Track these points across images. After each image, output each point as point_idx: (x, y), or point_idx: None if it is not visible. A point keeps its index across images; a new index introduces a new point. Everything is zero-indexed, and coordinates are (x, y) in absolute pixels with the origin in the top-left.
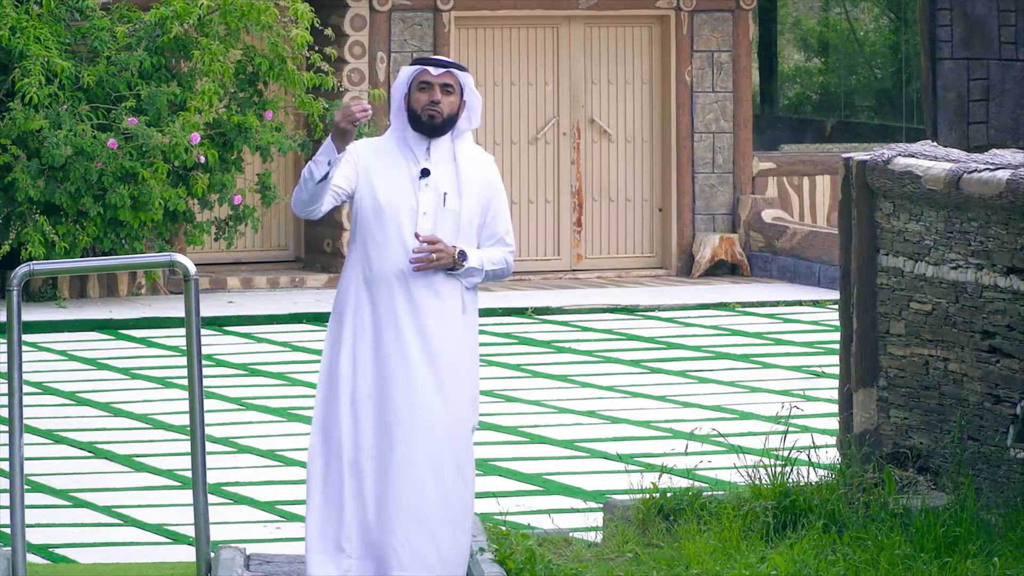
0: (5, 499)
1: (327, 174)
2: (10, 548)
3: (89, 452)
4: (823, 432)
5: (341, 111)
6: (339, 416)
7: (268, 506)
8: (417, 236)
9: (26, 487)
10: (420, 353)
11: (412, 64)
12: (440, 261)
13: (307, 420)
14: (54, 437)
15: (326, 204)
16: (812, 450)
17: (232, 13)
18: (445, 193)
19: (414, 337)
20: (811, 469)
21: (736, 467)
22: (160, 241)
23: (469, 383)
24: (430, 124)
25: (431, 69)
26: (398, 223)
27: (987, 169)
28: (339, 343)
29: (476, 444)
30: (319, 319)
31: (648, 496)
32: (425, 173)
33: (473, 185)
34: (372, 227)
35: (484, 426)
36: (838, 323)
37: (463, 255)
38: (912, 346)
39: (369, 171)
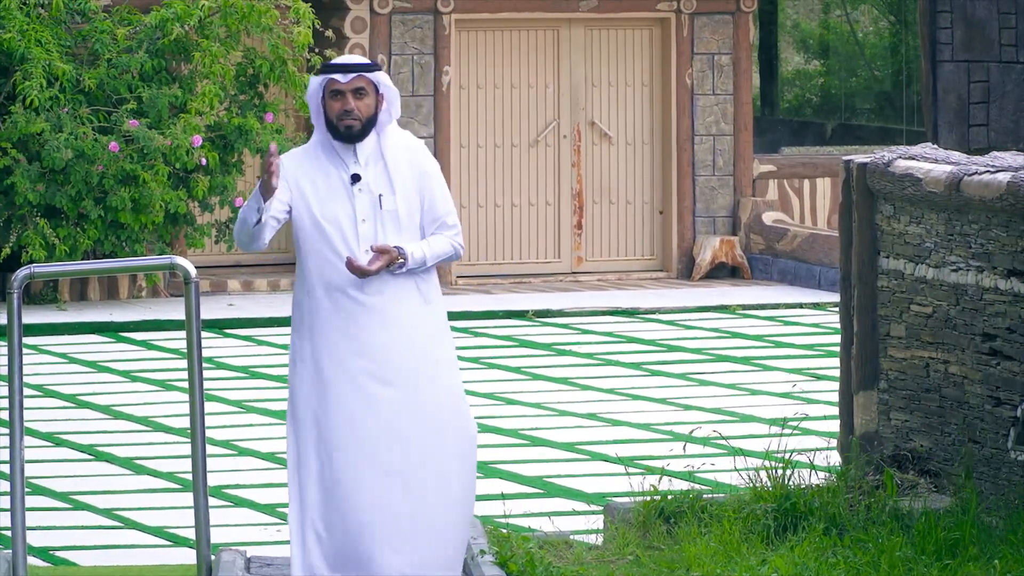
0: (6, 502)
1: (259, 219)
2: (11, 551)
3: (90, 455)
4: (824, 435)
5: (263, 163)
6: (309, 435)
7: (269, 509)
8: (372, 248)
9: (27, 490)
10: (385, 357)
11: (320, 71)
12: (381, 263)
13: None
14: (55, 440)
15: (267, 236)
16: (813, 452)
17: (233, 15)
18: (380, 195)
19: (375, 342)
20: (812, 472)
21: (737, 469)
22: (161, 244)
23: (446, 374)
24: (348, 134)
25: (339, 77)
26: (339, 233)
27: (988, 172)
28: (302, 361)
29: (477, 446)
30: None
31: (649, 499)
32: (356, 178)
33: (406, 179)
34: (314, 241)
35: (485, 429)
36: (838, 326)
37: (402, 254)
38: (913, 348)
39: (300, 185)
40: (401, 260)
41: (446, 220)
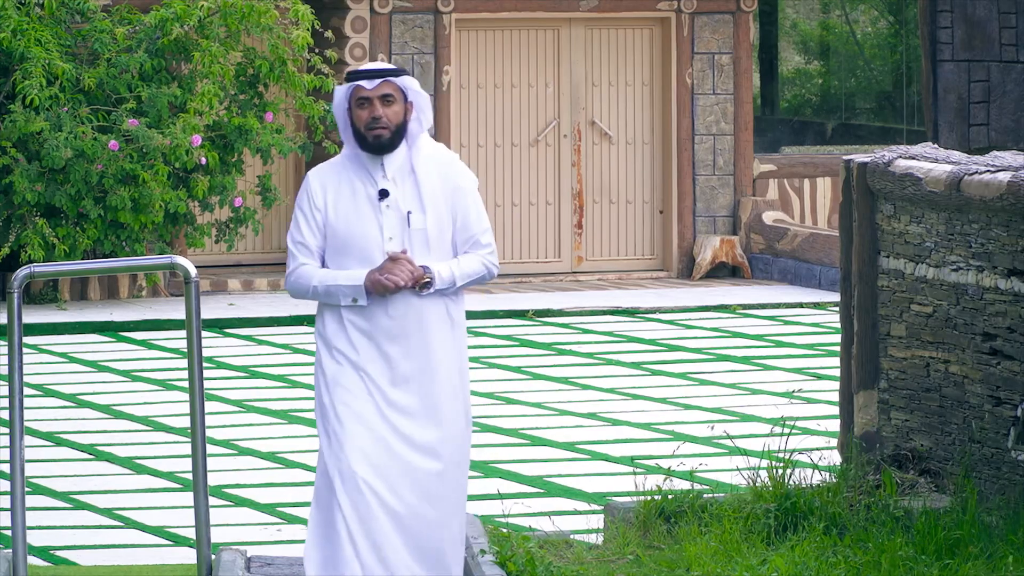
0: (6, 501)
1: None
2: (11, 550)
3: (90, 454)
4: (824, 434)
5: (386, 276)
6: (338, 448)
7: (269, 508)
8: (387, 254)
9: (27, 489)
10: (409, 377)
11: (345, 80)
12: (401, 279)
13: (308, 422)
14: (55, 439)
15: None
16: (813, 452)
17: (232, 15)
18: (409, 212)
19: (400, 361)
20: (812, 471)
21: (737, 469)
22: (161, 243)
23: (461, 399)
24: (377, 144)
25: (365, 83)
26: (366, 251)
27: (988, 171)
28: (326, 376)
29: (478, 446)
30: None
31: (649, 498)
32: (384, 194)
33: (437, 196)
34: (341, 257)
35: (485, 428)
36: (839, 325)
37: (428, 274)
38: (913, 348)
39: (329, 202)
40: (427, 279)
41: (479, 239)
